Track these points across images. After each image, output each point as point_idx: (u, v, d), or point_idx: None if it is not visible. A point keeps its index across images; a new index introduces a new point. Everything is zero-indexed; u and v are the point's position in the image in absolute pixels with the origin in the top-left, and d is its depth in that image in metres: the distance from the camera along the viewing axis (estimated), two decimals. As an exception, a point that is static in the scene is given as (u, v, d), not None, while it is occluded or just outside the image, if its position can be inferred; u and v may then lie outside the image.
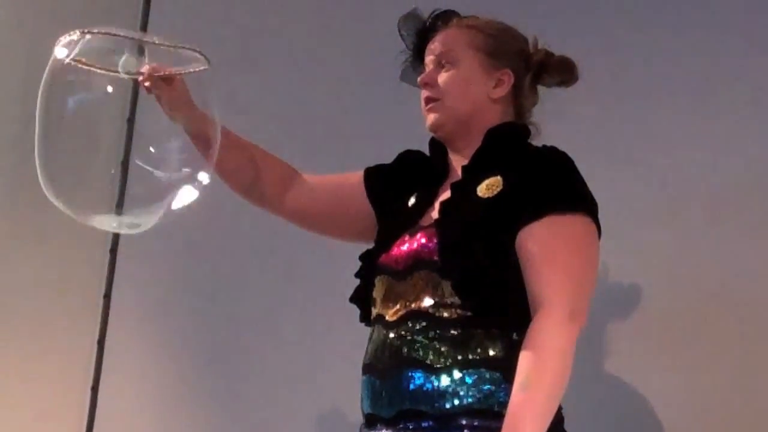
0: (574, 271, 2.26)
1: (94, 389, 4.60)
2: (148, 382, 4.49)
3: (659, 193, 3.28)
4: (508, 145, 2.45)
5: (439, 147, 2.60)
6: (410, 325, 2.34)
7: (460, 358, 2.28)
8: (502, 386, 2.25)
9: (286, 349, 4.07)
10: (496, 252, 2.29)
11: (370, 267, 2.51)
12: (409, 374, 2.30)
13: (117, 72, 2.56)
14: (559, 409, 2.29)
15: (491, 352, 2.27)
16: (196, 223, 4.32)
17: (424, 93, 2.53)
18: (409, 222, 2.48)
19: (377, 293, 2.47)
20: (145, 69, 2.60)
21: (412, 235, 2.43)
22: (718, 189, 3.21)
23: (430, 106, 2.52)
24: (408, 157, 2.70)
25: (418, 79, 2.56)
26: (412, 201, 2.55)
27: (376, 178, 2.71)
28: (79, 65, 2.50)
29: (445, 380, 2.27)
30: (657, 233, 3.25)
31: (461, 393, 2.26)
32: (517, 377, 2.17)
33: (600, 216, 2.43)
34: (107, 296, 4.63)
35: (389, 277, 2.43)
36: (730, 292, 3.14)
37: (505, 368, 2.24)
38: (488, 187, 2.36)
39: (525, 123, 2.57)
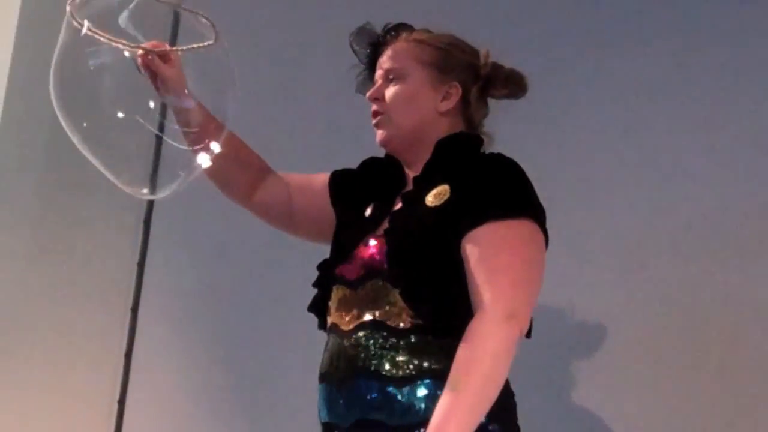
0: (513, 274, 2.26)
1: (121, 402, 4.58)
2: (175, 396, 4.47)
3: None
4: (457, 155, 2.47)
5: (395, 159, 2.62)
6: (364, 334, 2.35)
7: (413, 368, 2.29)
8: None
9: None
10: (443, 259, 2.31)
11: (327, 276, 2.53)
12: (365, 384, 2.32)
13: (123, 43, 2.48)
14: (511, 395, 2.34)
15: (444, 363, 2.25)
16: (223, 235, 4.35)
17: (372, 107, 2.57)
18: (363, 233, 2.49)
19: (332, 302, 2.49)
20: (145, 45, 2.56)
21: (367, 245, 2.45)
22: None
23: (376, 120, 2.55)
24: (371, 164, 2.71)
25: (367, 94, 2.59)
26: (368, 212, 2.57)
27: (340, 183, 2.73)
28: (89, 33, 2.43)
29: (401, 391, 2.28)
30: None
31: (417, 405, 2.27)
32: (449, 378, 2.18)
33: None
34: (134, 309, 4.61)
35: (344, 287, 2.45)
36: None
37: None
38: (436, 196, 2.38)
39: (476, 133, 2.59)
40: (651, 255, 3.38)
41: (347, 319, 2.41)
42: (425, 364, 2.28)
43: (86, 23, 2.43)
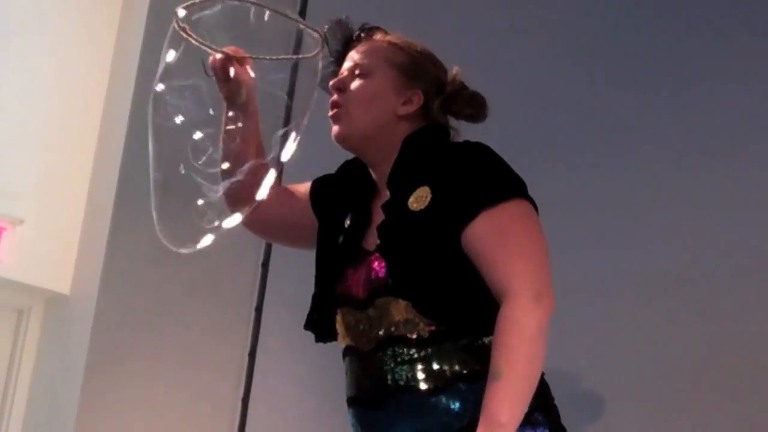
0: (526, 253, 2.26)
1: (245, 401, 4.68)
2: (298, 394, 4.58)
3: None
4: (426, 150, 2.43)
5: (360, 162, 2.58)
6: (386, 351, 2.33)
7: (443, 375, 2.28)
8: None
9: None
10: (445, 261, 2.30)
11: (328, 297, 2.47)
12: (401, 400, 2.30)
13: (211, 47, 2.46)
14: (545, 383, 2.32)
15: (472, 365, 2.27)
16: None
17: (333, 96, 2.52)
18: (350, 247, 2.47)
19: (342, 325, 2.45)
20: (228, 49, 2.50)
21: (361, 262, 2.42)
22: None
23: (334, 112, 2.50)
24: (347, 169, 2.64)
25: (330, 83, 2.53)
26: (347, 222, 2.52)
27: (320, 191, 2.65)
28: (184, 34, 2.41)
29: (438, 399, 2.27)
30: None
31: (457, 410, 2.27)
32: (490, 367, 2.19)
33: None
34: (258, 309, 4.72)
35: (351, 308, 2.41)
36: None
37: (486, 375, 2.21)
38: (418, 199, 2.35)
39: (443, 125, 2.54)
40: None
41: (364, 339, 2.38)
42: (455, 369, 2.27)
43: (180, 13, 2.41)
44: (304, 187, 2.67)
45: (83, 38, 5.12)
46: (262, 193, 2.42)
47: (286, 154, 2.40)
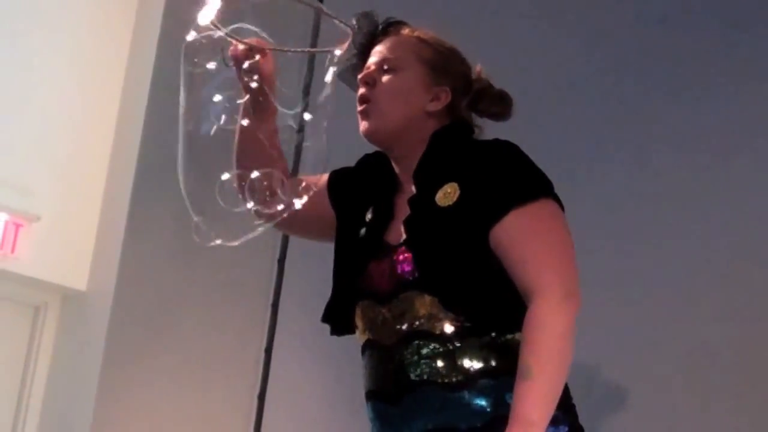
0: (555, 253, 2.27)
1: (261, 397, 4.68)
2: (314, 390, 4.58)
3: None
4: (454, 147, 2.43)
5: (383, 156, 2.57)
6: (410, 345, 2.32)
7: (467, 370, 2.27)
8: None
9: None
10: (473, 258, 2.30)
11: (349, 290, 2.46)
12: (425, 394, 2.29)
13: (235, 38, 2.42)
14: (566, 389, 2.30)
15: (496, 360, 2.27)
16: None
17: (361, 90, 2.49)
18: (373, 240, 2.45)
19: (362, 319, 2.43)
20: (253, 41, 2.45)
21: (385, 256, 2.40)
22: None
23: (363, 107, 2.48)
24: (366, 162, 2.62)
25: (359, 76, 2.51)
26: (369, 216, 2.51)
27: (338, 183, 2.62)
28: (212, 27, 2.37)
29: (462, 395, 2.27)
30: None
31: (481, 406, 2.26)
32: (519, 364, 2.19)
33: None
34: (275, 305, 4.71)
35: (373, 302, 2.39)
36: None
37: (510, 371, 2.22)
38: (446, 195, 2.35)
39: (469, 123, 2.55)
40: None
41: (386, 333, 2.36)
42: (479, 365, 2.26)
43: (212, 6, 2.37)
44: (322, 179, 2.64)
45: (99, 36, 5.13)
46: (299, 203, 2.41)
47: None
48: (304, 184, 2.48)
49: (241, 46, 2.42)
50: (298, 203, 2.41)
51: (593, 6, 4.04)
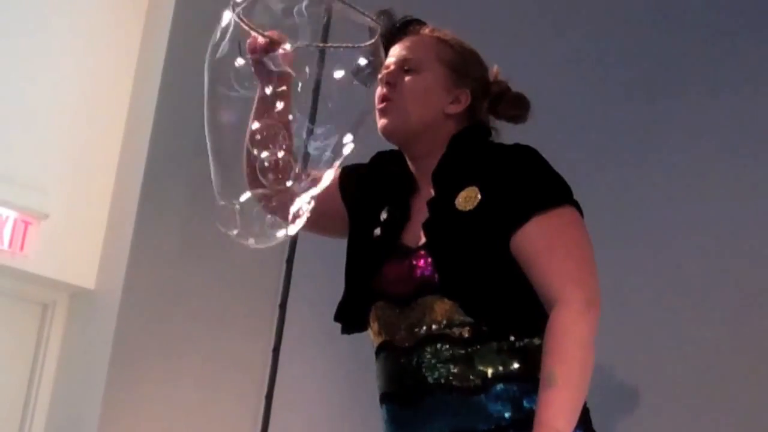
0: (577, 261, 2.27)
1: (269, 398, 4.66)
2: (322, 391, 4.57)
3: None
4: (474, 150, 2.42)
5: (398, 155, 2.54)
6: (428, 349, 2.31)
7: (485, 374, 2.26)
8: (533, 394, 2.24)
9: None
10: (492, 264, 2.29)
11: (363, 290, 2.44)
12: (444, 398, 2.28)
13: (257, 30, 2.40)
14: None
15: (514, 365, 2.27)
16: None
17: (381, 90, 2.46)
18: (389, 241, 2.44)
19: (378, 320, 2.41)
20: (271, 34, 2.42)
21: (403, 258, 2.39)
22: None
23: (384, 105, 2.45)
24: (381, 160, 2.60)
25: (380, 75, 2.46)
26: (384, 216, 2.49)
27: (350, 179, 2.59)
28: (242, 24, 2.37)
29: (480, 399, 2.26)
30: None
31: (499, 410, 2.26)
32: (542, 372, 2.18)
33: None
34: (283, 305, 4.70)
35: (391, 303, 2.38)
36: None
37: (528, 377, 2.25)
38: (466, 199, 2.34)
39: (486, 126, 2.53)
40: None
41: (403, 336, 2.35)
42: (497, 370, 2.26)
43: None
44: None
45: (110, 35, 5.14)
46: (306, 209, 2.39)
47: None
48: (313, 176, 2.46)
49: (261, 39, 2.39)
50: (314, 191, 2.39)
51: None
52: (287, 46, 2.41)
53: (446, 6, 3.72)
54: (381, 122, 2.46)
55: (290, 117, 2.49)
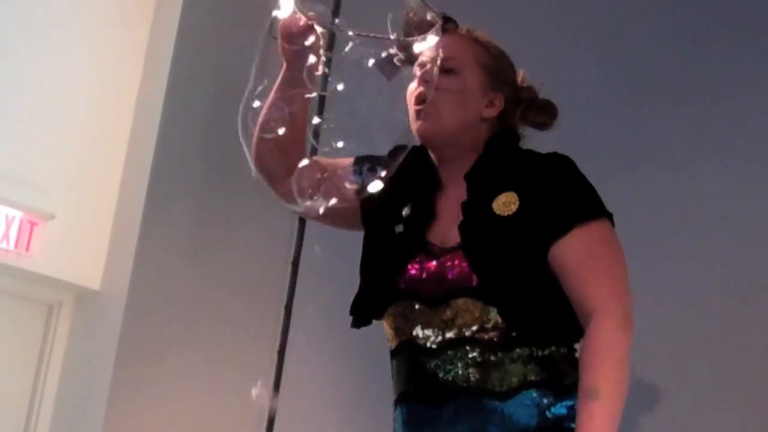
0: (615, 275, 2.28)
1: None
2: (328, 392, 4.58)
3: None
4: (509, 155, 2.42)
5: (425, 154, 2.50)
6: (456, 352, 2.29)
7: (513, 381, 2.26)
8: (558, 402, 2.27)
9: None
10: (530, 271, 2.29)
11: (384, 287, 2.40)
12: (470, 401, 2.27)
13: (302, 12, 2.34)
14: None
15: (542, 373, 2.27)
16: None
17: (418, 89, 2.42)
18: (413, 239, 2.40)
19: (400, 319, 2.38)
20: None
21: (433, 257, 2.36)
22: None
23: (421, 107, 2.41)
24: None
25: (418, 74, 2.44)
26: (406, 211, 2.45)
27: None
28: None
29: (507, 405, 2.26)
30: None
31: (526, 417, 2.25)
32: (583, 384, 2.19)
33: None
34: (288, 307, 4.69)
35: (418, 302, 2.35)
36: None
37: (553, 385, 2.26)
38: (505, 205, 2.32)
39: (516, 132, 2.51)
40: None
41: (429, 336, 2.32)
42: (525, 376, 2.26)
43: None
44: (344, 163, 2.56)
45: (116, 35, 5.14)
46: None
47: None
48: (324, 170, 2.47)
49: (302, 21, 2.32)
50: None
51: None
52: (321, 30, 2.35)
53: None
54: (417, 124, 2.42)
55: (308, 99, 2.43)
